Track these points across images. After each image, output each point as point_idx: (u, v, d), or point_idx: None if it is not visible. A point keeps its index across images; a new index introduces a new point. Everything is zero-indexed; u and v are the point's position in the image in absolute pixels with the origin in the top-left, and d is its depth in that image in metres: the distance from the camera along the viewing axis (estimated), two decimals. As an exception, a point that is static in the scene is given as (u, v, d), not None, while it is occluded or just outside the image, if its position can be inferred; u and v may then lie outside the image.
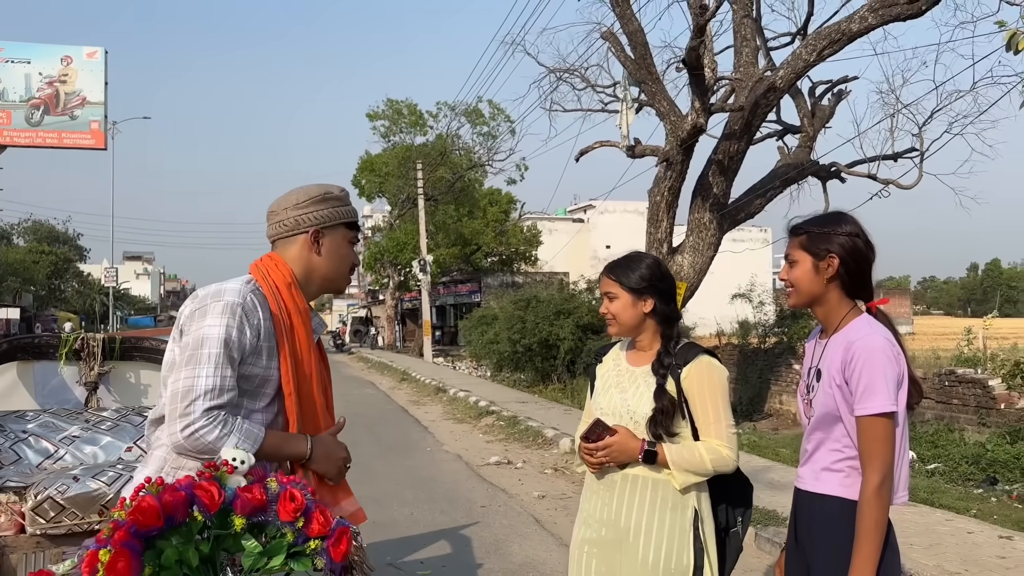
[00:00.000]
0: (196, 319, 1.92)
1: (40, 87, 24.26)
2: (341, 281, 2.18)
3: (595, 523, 2.40)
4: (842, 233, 2.15)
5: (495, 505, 6.58)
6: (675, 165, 10.80)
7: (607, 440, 2.31)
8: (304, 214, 2.07)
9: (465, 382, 16.87)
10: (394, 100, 33.35)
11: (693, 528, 2.29)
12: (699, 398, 2.32)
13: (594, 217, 47.73)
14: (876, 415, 2.01)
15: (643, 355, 2.45)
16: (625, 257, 2.50)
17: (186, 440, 1.84)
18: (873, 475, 2.02)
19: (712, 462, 2.28)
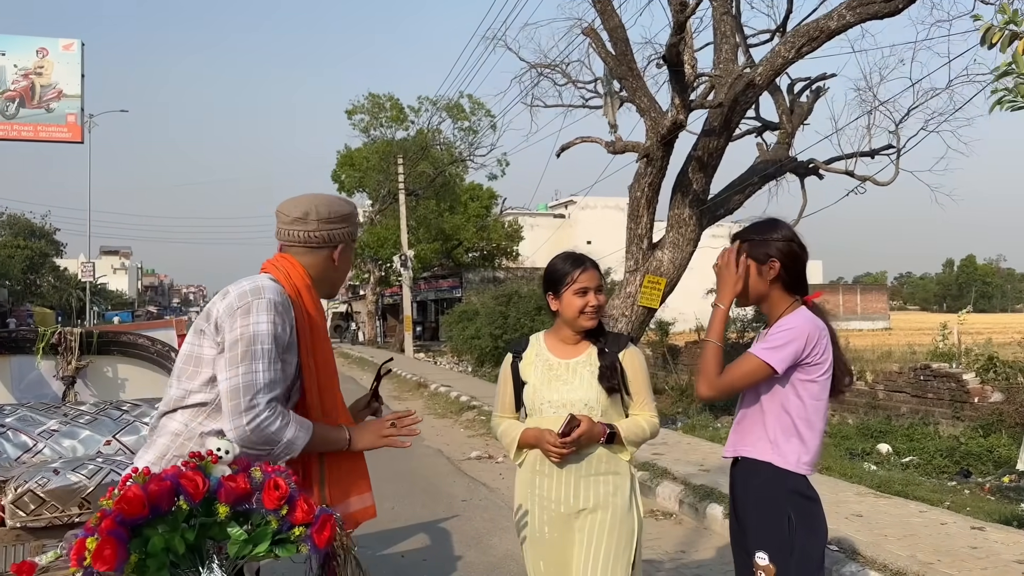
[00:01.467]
0: (240, 316, 1.97)
1: (15, 79, 23.95)
2: (341, 287, 2.34)
3: (551, 503, 2.61)
4: (780, 239, 2.38)
5: (476, 499, 6.61)
6: (655, 161, 10.86)
7: (582, 428, 2.50)
8: (337, 230, 2.17)
9: (446, 377, 16.87)
10: (375, 94, 33.24)
11: (633, 494, 2.62)
12: (633, 377, 2.62)
13: (575, 213, 47.88)
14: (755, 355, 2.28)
15: (570, 348, 2.67)
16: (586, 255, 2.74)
17: (253, 432, 1.93)
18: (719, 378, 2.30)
19: (651, 430, 2.64)
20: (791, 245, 2.38)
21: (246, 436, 1.93)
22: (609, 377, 2.57)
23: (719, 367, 2.29)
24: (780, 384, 2.29)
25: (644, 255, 11.41)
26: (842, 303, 54.11)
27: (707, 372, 2.29)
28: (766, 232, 2.39)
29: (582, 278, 2.61)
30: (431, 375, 17.24)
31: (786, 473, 2.28)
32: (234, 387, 1.94)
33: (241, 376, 1.94)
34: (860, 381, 12.65)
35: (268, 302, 1.99)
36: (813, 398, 2.32)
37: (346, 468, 2.18)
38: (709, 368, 2.29)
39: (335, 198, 2.23)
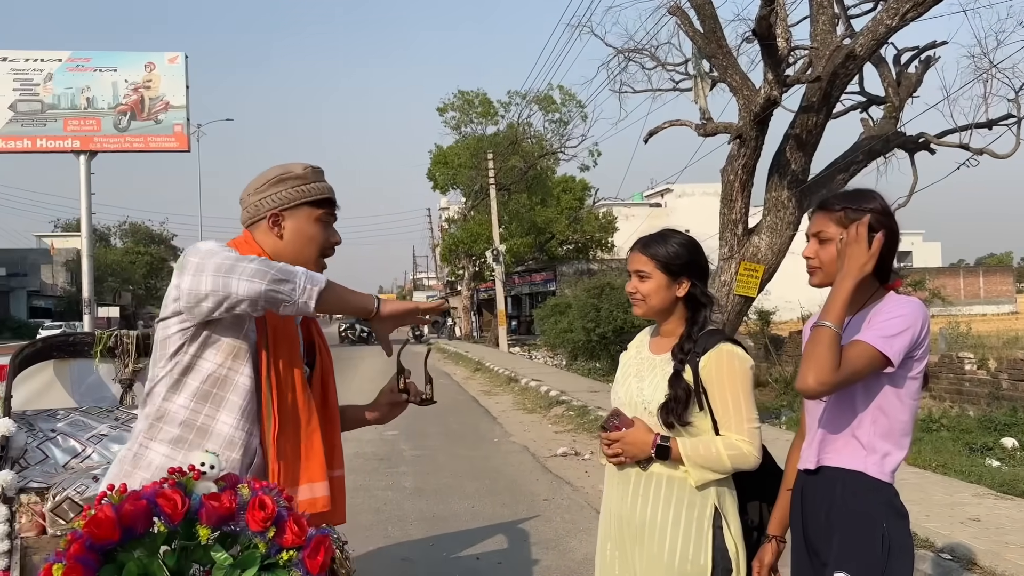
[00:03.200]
0: (188, 256, 1.82)
1: (126, 94, 25.22)
2: (310, 265, 1.99)
3: (613, 519, 2.27)
4: (881, 212, 2.00)
5: (558, 498, 6.39)
6: (749, 142, 10.34)
7: (621, 432, 2.17)
8: (262, 198, 1.98)
9: (538, 371, 16.70)
10: (465, 91, 33.40)
11: (713, 527, 2.12)
12: (718, 388, 2.14)
13: (671, 201, 46.88)
14: (868, 343, 1.89)
15: (666, 341, 2.27)
16: (660, 233, 2.30)
17: (260, 263, 1.75)
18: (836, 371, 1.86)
19: (731, 458, 2.10)
20: (891, 221, 2.00)
21: (258, 270, 1.73)
22: (674, 382, 2.14)
23: (837, 358, 1.85)
24: (879, 381, 1.94)
25: (739, 241, 10.91)
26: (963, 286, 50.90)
27: (821, 362, 1.84)
28: (862, 202, 2.00)
29: (630, 260, 2.30)
30: (523, 369, 17.12)
31: (880, 484, 1.95)
32: (217, 265, 1.74)
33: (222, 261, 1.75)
34: (982, 370, 11.69)
35: (207, 242, 1.86)
36: (911, 397, 1.96)
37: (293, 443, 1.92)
38: (824, 358, 1.84)
39: (272, 167, 2.03)
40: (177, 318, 1.84)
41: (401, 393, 2.22)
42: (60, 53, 24.63)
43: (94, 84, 24.65)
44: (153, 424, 1.86)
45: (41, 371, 3.25)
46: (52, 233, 60.74)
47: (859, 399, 1.97)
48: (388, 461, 8.06)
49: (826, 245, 2.04)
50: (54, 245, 54.41)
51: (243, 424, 1.88)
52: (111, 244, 61.26)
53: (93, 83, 24.64)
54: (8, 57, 23.89)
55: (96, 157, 25.24)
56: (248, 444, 1.90)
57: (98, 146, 24.89)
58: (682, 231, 2.33)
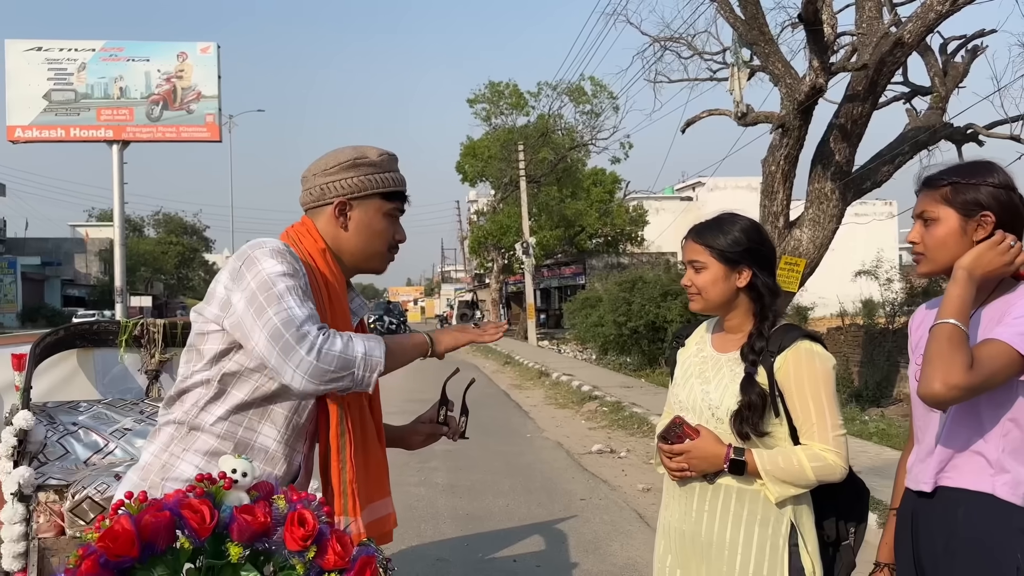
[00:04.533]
0: (247, 271, 1.66)
1: (159, 83, 25.30)
2: (375, 260, 1.88)
3: (675, 535, 2.04)
4: (996, 185, 1.71)
5: (596, 498, 6.17)
6: (792, 131, 10.03)
7: (686, 444, 1.92)
8: (331, 182, 1.80)
9: (569, 366, 16.47)
10: (495, 83, 33.12)
11: (788, 544, 1.91)
12: (798, 392, 1.90)
13: (703, 194, 46.28)
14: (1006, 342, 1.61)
15: (732, 338, 2.03)
16: (716, 219, 2.06)
17: (320, 359, 1.59)
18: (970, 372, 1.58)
19: (815, 471, 1.87)
20: (1011, 196, 1.72)
21: (314, 367, 1.59)
22: (747, 387, 1.90)
23: (968, 357, 1.58)
24: (1010, 387, 1.66)
25: (780, 234, 10.60)
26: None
27: (949, 363, 1.57)
28: (977, 175, 1.73)
29: (684, 250, 2.07)
30: (553, 363, 16.89)
31: (1012, 508, 1.67)
32: (273, 330, 1.60)
33: (275, 316, 1.60)
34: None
35: (270, 250, 1.68)
36: None
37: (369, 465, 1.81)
38: (952, 357, 1.57)
39: (347, 147, 1.85)
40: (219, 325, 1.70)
41: (441, 426, 2.09)
42: (94, 43, 24.80)
43: (127, 74, 24.76)
44: (188, 433, 1.70)
45: (64, 361, 3.10)
46: (86, 223, 61.56)
47: (984, 409, 1.69)
48: (419, 456, 7.87)
49: (931, 227, 1.76)
50: (88, 234, 55.13)
51: (287, 438, 1.74)
52: (144, 234, 61.93)
53: (126, 73, 24.75)
54: (42, 47, 24.11)
55: (129, 147, 25.37)
56: (291, 460, 1.76)
57: (131, 135, 25.00)
58: (743, 216, 2.08)
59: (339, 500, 1.73)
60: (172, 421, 1.72)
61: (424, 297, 75.74)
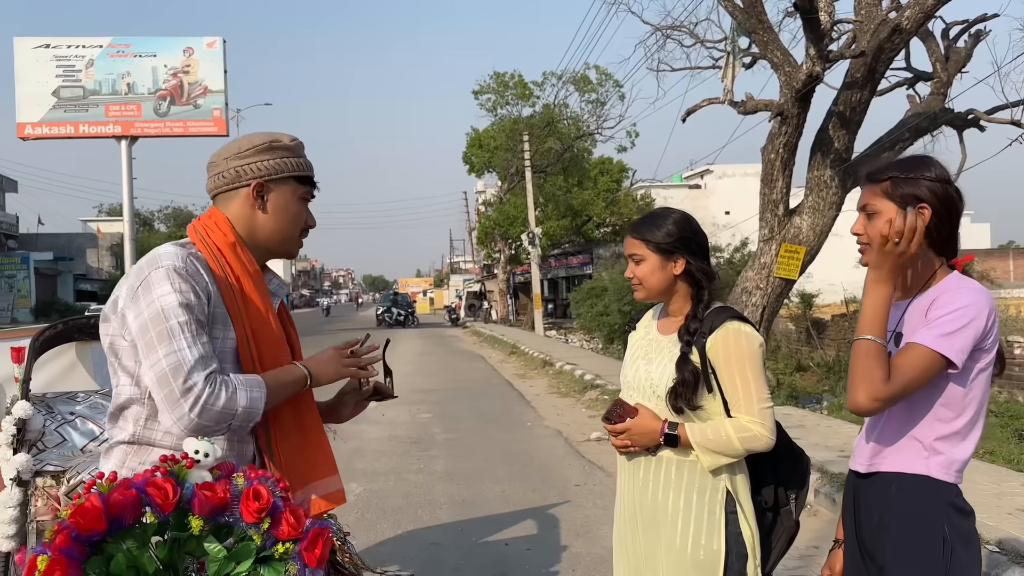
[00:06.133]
0: (142, 295, 1.68)
1: (166, 79, 25.50)
2: (291, 244, 1.91)
3: (627, 503, 2.22)
4: (933, 179, 1.81)
5: (590, 484, 6.29)
6: (790, 119, 10.07)
7: (627, 423, 2.10)
8: (246, 164, 1.82)
9: (573, 355, 16.57)
10: (500, 73, 33.14)
11: (726, 512, 2.08)
12: (726, 369, 2.06)
13: (711, 182, 46.14)
14: (924, 345, 1.72)
15: (674, 321, 2.20)
16: (650, 214, 2.25)
17: (201, 416, 1.63)
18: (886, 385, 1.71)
19: (741, 441, 2.04)
20: (947, 188, 1.81)
21: (195, 424, 1.63)
22: (680, 365, 2.07)
23: (885, 371, 1.69)
24: (941, 377, 1.76)
25: (780, 222, 10.66)
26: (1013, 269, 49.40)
27: (869, 377, 1.69)
28: (914, 170, 1.82)
29: (625, 246, 2.24)
30: (558, 353, 17.01)
31: (939, 483, 1.79)
32: (160, 375, 1.63)
33: (164, 359, 1.62)
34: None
35: (166, 271, 1.68)
36: (980, 389, 1.79)
37: (298, 445, 1.85)
38: (872, 372, 1.69)
39: (259, 132, 1.89)
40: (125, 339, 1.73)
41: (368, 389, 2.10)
42: (101, 39, 24.98)
43: (134, 69, 24.98)
44: (141, 448, 1.74)
45: (63, 353, 3.23)
46: (97, 218, 61.99)
47: (917, 397, 1.79)
48: (420, 444, 8.04)
49: (874, 220, 1.85)
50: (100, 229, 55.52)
51: (233, 439, 1.77)
52: (155, 228, 62.31)
53: (133, 68, 24.97)
54: (51, 44, 24.30)
55: (137, 142, 25.61)
56: (243, 454, 1.81)
57: (139, 131, 25.26)
58: (675, 209, 2.27)
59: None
60: (121, 442, 1.76)
61: (433, 288, 75.94)
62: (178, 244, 1.78)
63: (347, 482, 6.76)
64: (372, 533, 5.08)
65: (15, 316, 40.87)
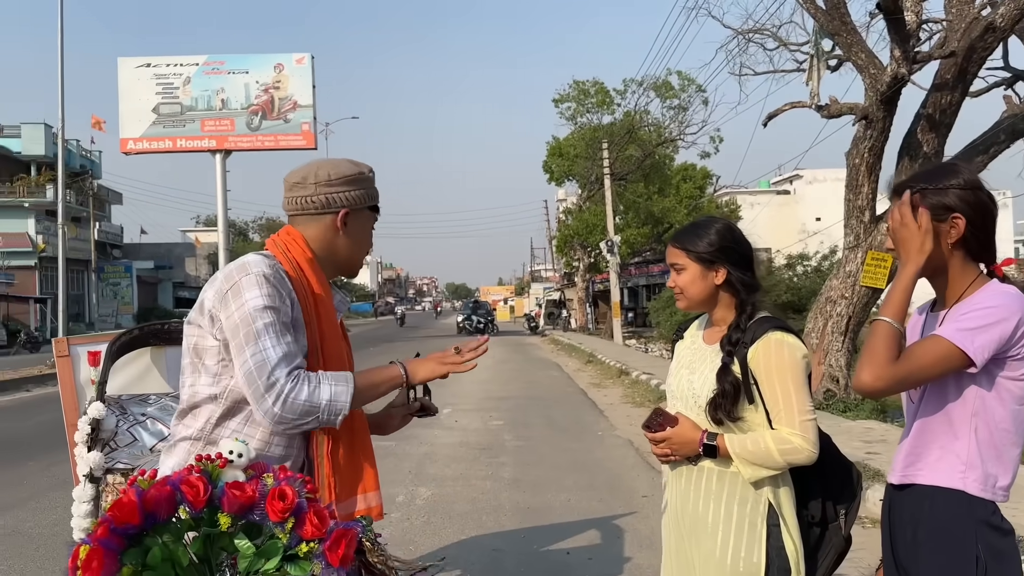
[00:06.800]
0: (232, 298, 1.81)
1: (258, 94, 26.52)
2: (358, 266, 2.08)
3: (671, 512, 2.22)
4: (962, 186, 1.76)
5: (658, 495, 6.13)
6: (876, 123, 9.74)
7: (666, 432, 2.09)
8: (336, 193, 1.95)
9: (651, 365, 16.37)
10: (580, 81, 33.14)
11: (768, 524, 2.04)
12: (767, 379, 2.03)
13: (800, 187, 44.91)
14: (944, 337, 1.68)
15: (718, 331, 2.18)
16: (693, 223, 2.25)
17: (283, 409, 1.76)
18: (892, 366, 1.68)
19: (782, 453, 1.99)
20: (978, 195, 1.76)
21: (279, 417, 1.76)
22: (721, 376, 2.05)
23: (893, 352, 1.68)
24: (976, 384, 1.72)
25: (866, 229, 10.32)
26: None
27: (875, 357, 1.68)
28: (943, 179, 1.77)
29: (667, 255, 2.23)
30: (635, 362, 16.83)
31: (973, 500, 1.73)
32: (247, 373, 1.76)
33: (251, 359, 1.76)
34: None
35: (256, 276, 1.81)
36: (1018, 402, 1.72)
37: (347, 457, 1.93)
38: (878, 352, 1.68)
39: (342, 160, 2.01)
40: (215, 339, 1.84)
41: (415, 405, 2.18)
42: (197, 57, 26.20)
43: (228, 86, 26.08)
44: (204, 448, 1.84)
45: (139, 357, 3.42)
46: (195, 228, 64.90)
47: (952, 407, 1.75)
48: (490, 451, 8.10)
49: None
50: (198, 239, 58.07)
51: (294, 442, 1.90)
52: (249, 238, 64.81)
53: (227, 85, 26.08)
54: (151, 63, 25.64)
55: (231, 155, 26.72)
56: (296, 460, 1.91)
57: (232, 145, 26.34)
58: (719, 218, 2.26)
59: (320, 491, 1.88)
60: (188, 438, 1.87)
61: (514, 296, 76.34)
62: (263, 254, 1.92)
63: (416, 486, 6.87)
64: (437, 537, 5.15)
65: (119, 322, 43.14)
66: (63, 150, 23.40)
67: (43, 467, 7.63)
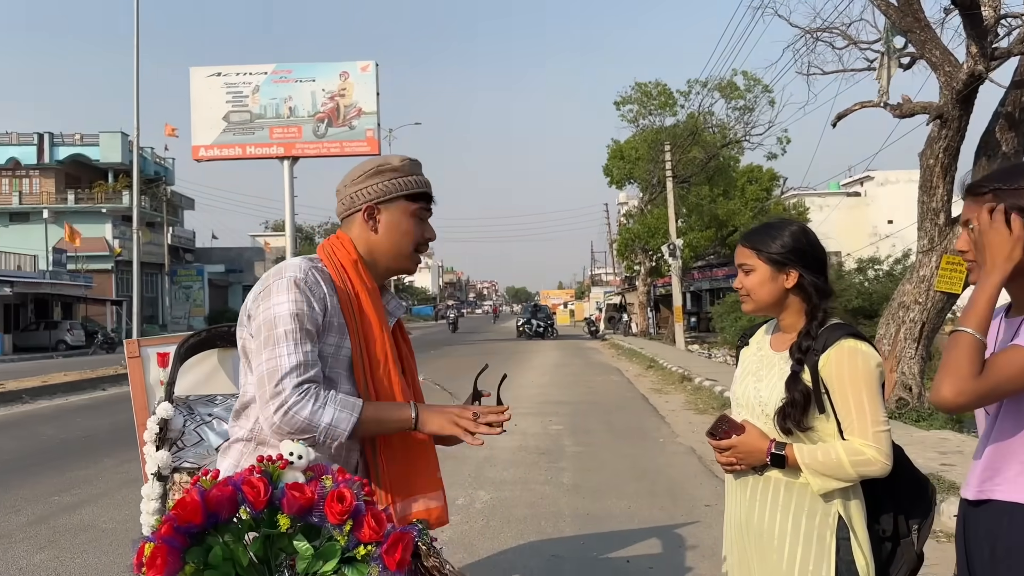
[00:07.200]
0: (262, 300, 1.85)
1: (324, 102, 27.09)
2: (405, 260, 2.02)
3: (734, 523, 2.15)
4: None
5: (722, 505, 6.02)
6: (951, 122, 9.40)
7: (732, 439, 2.02)
8: (358, 189, 1.97)
9: (714, 371, 16.09)
10: (642, 83, 32.88)
11: (837, 537, 1.96)
12: (839, 388, 1.95)
13: (872, 189, 43.61)
14: None
15: (786, 337, 2.10)
16: (765, 224, 2.17)
17: (281, 420, 1.77)
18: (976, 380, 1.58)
19: (853, 465, 1.91)
20: None
21: (277, 427, 1.77)
22: (790, 384, 1.97)
23: (976, 366, 1.59)
24: None
25: (941, 232, 9.96)
26: None
27: (957, 370, 1.58)
28: (1018, 179, 1.68)
29: (736, 255, 2.16)
30: (698, 368, 16.58)
31: None
32: (260, 376, 1.79)
33: (265, 363, 1.78)
34: None
35: (288, 281, 1.82)
36: None
37: (405, 460, 1.92)
38: (961, 365, 1.58)
39: (370, 158, 2.03)
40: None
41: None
42: (265, 66, 26.89)
43: (295, 94, 26.71)
44: (256, 448, 1.86)
45: (206, 359, 3.49)
46: (264, 233, 66.62)
47: None
48: (549, 456, 8.07)
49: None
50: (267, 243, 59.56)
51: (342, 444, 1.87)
52: (315, 243, 66.20)
53: (294, 93, 26.70)
54: (221, 72, 26.42)
55: (298, 162, 27.33)
56: (348, 460, 1.91)
57: (299, 152, 26.95)
58: (792, 220, 2.18)
59: (377, 492, 1.89)
60: (240, 439, 1.91)
61: (574, 300, 76.07)
62: (306, 258, 1.94)
63: (475, 490, 6.87)
64: (495, 541, 5.15)
65: (191, 324, 44.55)
66: (138, 158, 24.29)
67: (117, 464, 7.91)
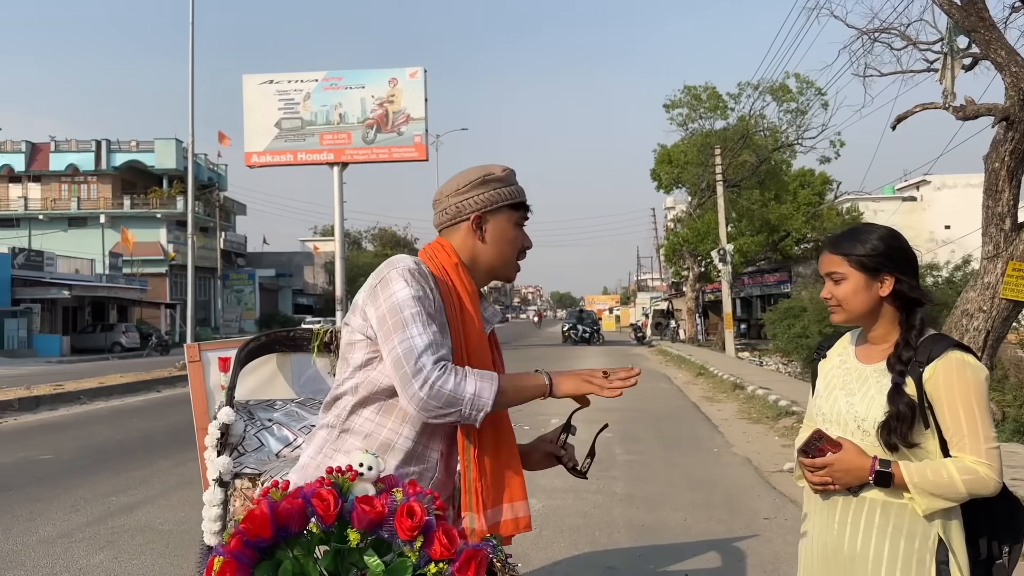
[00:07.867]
0: (380, 291, 1.86)
1: (373, 108, 27.41)
2: (509, 267, 2.04)
3: (817, 547, 2.00)
4: None
5: (781, 518, 5.91)
6: (1018, 124, 9.04)
7: (828, 457, 1.88)
8: (464, 200, 1.97)
9: (767, 379, 15.77)
10: (692, 86, 32.53)
11: (936, 561, 1.84)
12: (948, 403, 1.83)
13: (928, 194, 42.48)
14: None
15: (877, 349, 1.97)
16: (852, 229, 2.03)
17: (428, 395, 1.76)
18: None
19: (966, 484, 1.80)
20: None
21: (424, 402, 1.75)
22: (894, 397, 1.86)
23: None
24: None
25: (1007, 237, 9.57)
26: None
27: None
28: None
29: (821, 263, 2.04)
30: (750, 376, 16.26)
31: None
32: (395, 359, 1.78)
33: (399, 345, 1.78)
34: None
35: (402, 270, 1.84)
36: None
37: (494, 465, 1.90)
38: None
39: (473, 167, 2.01)
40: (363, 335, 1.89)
41: (561, 449, 2.13)
42: (316, 74, 27.29)
43: (345, 101, 27.06)
44: (339, 436, 1.89)
45: (266, 363, 3.49)
46: (313, 238, 67.62)
47: None
48: (600, 464, 7.93)
49: None
50: (317, 248, 60.42)
51: (424, 438, 1.89)
52: (362, 247, 67.00)
53: (344, 100, 27.06)
54: (274, 80, 26.88)
55: (347, 168, 27.66)
56: (428, 458, 1.91)
57: (349, 158, 27.29)
58: (878, 224, 2.05)
59: (465, 497, 1.88)
60: (325, 425, 1.93)
61: (620, 306, 75.52)
62: (410, 256, 1.95)
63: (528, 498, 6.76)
64: (548, 552, 5.07)
65: (242, 327, 45.37)
66: (192, 164, 24.82)
67: (173, 465, 8.03)
